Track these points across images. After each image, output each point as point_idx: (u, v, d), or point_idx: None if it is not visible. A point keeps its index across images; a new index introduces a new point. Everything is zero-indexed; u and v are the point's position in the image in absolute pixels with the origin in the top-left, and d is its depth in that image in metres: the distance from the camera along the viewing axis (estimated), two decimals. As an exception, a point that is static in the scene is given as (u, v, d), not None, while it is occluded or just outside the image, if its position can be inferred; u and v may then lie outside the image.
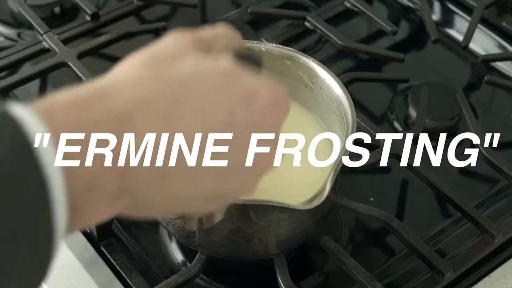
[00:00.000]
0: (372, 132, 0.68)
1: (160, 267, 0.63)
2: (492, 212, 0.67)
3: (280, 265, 0.58)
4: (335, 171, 0.53)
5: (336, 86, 0.60)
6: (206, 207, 0.41)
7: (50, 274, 0.35)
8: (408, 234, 0.60)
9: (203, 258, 0.59)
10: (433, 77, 0.82)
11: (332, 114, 0.61)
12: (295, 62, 0.62)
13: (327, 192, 0.52)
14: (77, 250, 0.62)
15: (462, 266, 0.61)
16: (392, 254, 0.65)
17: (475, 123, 0.70)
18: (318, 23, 0.80)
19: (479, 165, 0.69)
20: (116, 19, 0.83)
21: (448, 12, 0.87)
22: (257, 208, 0.54)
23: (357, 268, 0.58)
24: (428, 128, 0.72)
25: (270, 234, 0.57)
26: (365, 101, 0.78)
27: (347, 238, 0.66)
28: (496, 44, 0.84)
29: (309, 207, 0.52)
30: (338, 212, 0.66)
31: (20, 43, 0.83)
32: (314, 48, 0.83)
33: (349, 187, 0.67)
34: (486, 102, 0.81)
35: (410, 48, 0.85)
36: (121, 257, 0.61)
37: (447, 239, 0.66)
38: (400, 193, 0.71)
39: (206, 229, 0.56)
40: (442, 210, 0.69)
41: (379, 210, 0.61)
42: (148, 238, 0.65)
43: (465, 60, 0.84)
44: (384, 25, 0.81)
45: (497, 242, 0.62)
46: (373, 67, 0.82)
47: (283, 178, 0.57)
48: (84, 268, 0.61)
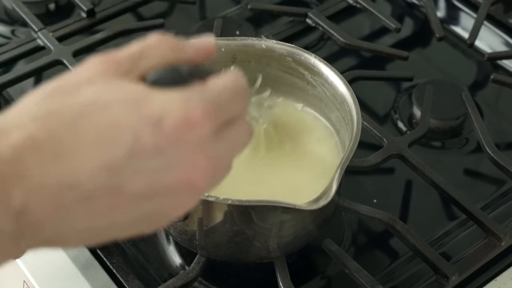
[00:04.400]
0: (376, 132, 0.68)
1: (158, 270, 0.63)
2: (498, 214, 0.67)
3: (280, 268, 0.58)
4: (341, 170, 0.53)
5: (339, 83, 0.60)
6: (138, 230, 0.40)
7: (45, 278, 0.34)
8: (412, 236, 0.60)
9: (202, 261, 0.59)
10: (438, 75, 0.83)
11: (336, 111, 0.61)
12: (296, 59, 0.62)
13: (334, 191, 0.52)
14: (72, 253, 0.62)
15: (468, 270, 0.61)
16: (395, 257, 0.64)
17: (481, 123, 0.70)
18: (320, 20, 0.80)
19: (485, 165, 0.70)
20: (113, 16, 0.83)
21: (453, 8, 0.87)
22: (260, 209, 0.54)
23: (360, 271, 0.58)
24: (432, 128, 0.72)
25: (272, 236, 0.56)
26: (368, 100, 0.77)
27: (349, 241, 0.65)
28: (503, 41, 0.84)
29: (316, 207, 0.51)
30: (340, 214, 0.66)
31: (14, 40, 0.83)
32: (316, 46, 0.83)
33: (351, 188, 0.67)
34: (492, 101, 0.81)
35: (414, 45, 0.85)
36: (117, 260, 0.61)
37: (452, 241, 0.65)
38: (404, 195, 0.71)
39: (207, 230, 0.56)
40: (447, 212, 0.68)
41: (382, 212, 0.61)
42: (145, 241, 0.65)
43: (471, 58, 0.84)
44: (388, 22, 0.81)
45: (503, 244, 0.62)
46: (376, 65, 0.82)
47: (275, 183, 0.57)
48: (79, 272, 0.60)
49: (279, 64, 0.62)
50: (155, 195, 0.38)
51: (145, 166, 0.37)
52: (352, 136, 0.55)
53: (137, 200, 0.37)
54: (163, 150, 0.37)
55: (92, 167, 0.36)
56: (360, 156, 0.64)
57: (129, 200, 0.37)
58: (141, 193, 0.37)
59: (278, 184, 0.59)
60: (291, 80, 0.63)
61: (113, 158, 0.36)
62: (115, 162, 0.36)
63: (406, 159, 0.66)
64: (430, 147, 0.74)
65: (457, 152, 0.74)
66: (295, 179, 0.59)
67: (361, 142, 0.55)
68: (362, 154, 0.65)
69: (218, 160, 0.39)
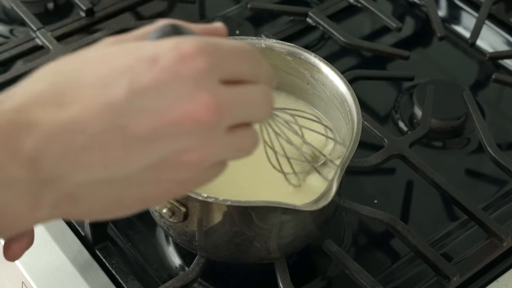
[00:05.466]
0: (376, 132, 0.68)
1: (157, 271, 0.63)
2: (500, 214, 0.67)
3: (281, 269, 0.58)
4: (342, 170, 0.53)
5: (339, 83, 0.60)
6: (152, 190, 0.40)
7: (44, 279, 0.34)
8: (413, 237, 0.60)
9: (201, 262, 0.58)
10: (439, 75, 0.83)
11: (336, 111, 0.61)
12: (296, 58, 0.62)
13: (334, 192, 0.51)
14: (71, 254, 0.62)
15: (469, 271, 0.61)
16: (396, 258, 0.64)
17: (482, 123, 0.70)
18: (320, 19, 0.80)
19: (487, 166, 0.70)
20: (112, 15, 0.83)
21: (455, 8, 0.87)
22: (260, 210, 0.53)
23: (361, 272, 0.58)
24: (433, 128, 0.72)
25: (273, 237, 0.56)
26: (369, 100, 0.77)
27: (350, 242, 0.65)
28: (504, 41, 0.84)
29: (316, 208, 0.51)
30: (341, 214, 0.66)
31: (12, 40, 0.83)
32: (316, 45, 0.83)
33: (352, 188, 0.67)
34: (493, 101, 0.81)
35: (415, 45, 0.85)
36: (116, 261, 0.61)
37: (453, 242, 0.65)
38: (405, 195, 0.71)
39: (207, 231, 0.56)
40: (448, 212, 0.68)
41: (383, 213, 0.61)
42: (144, 241, 0.65)
43: (472, 57, 0.84)
44: (389, 21, 0.81)
45: (505, 245, 0.62)
46: (377, 64, 0.82)
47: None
48: (78, 273, 0.60)
49: (279, 64, 0.62)
50: (161, 138, 0.37)
51: (147, 104, 0.37)
52: (352, 136, 0.55)
53: (145, 143, 0.37)
54: (162, 86, 0.37)
55: (95, 108, 0.36)
56: (360, 156, 0.64)
57: (137, 143, 0.37)
58: (148, 135, 0.37)
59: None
60: (291, 79, 0.63)
61: (114, 98, 0.37)
62: (117, 101, 0.37)
63: (407, 159, 0.66)
64: (431, 147, 0.74)
65: (458, 152, 0.74)
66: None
67: (361, 142, 0.55)
68: (362, 154, 0.65)
69: (225, 102, 0.39)
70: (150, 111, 0.37)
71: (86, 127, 0.36)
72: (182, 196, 0.53)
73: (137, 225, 0.65)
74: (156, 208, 0.56)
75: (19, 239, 0.46)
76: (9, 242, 0.46)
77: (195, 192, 0.52)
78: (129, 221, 0.65)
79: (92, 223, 0.60)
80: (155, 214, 0.58)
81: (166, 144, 0.38)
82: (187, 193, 0.52)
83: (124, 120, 0.37)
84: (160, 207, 0.55)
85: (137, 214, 0.64)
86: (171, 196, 0.42)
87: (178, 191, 0.40)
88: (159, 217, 0.58)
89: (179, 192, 0.41)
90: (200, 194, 0.52)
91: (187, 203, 0.54)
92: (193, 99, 0.37)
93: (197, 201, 0.53)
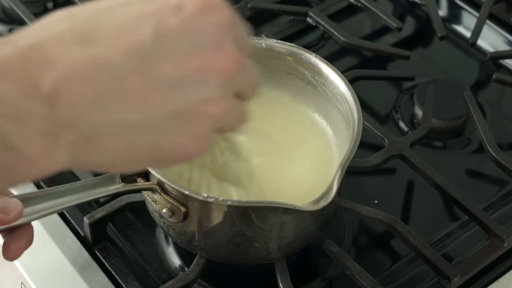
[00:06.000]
0: (377, 132, 0.68)
1: (157, 271, 0.63)
2: (501, 215, 0.67)
3: (281, 270, 0.58)
4: (342, 170, 0.53)
5: (340, 83, 0.60)
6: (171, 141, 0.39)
7: (43, 279, 0.33)
8: (414, 237, 0.60)
9: (201, 262, 0.58)
10: (440, 75, 0.82)
11: (336, 111, 0.61)
12: (296, 58, 0.62)
13: (334, 192, 0.51)
14: (71, 254, 0.61)
15: (470, 271, 0.61)
16: (397, 258, 0.64)
17: (483, 123, 0.70)
18: (320, 19, 0.80)
19: (487, 166, 0.69)
20: None
21: (455, 7, 0.87)
22: (260, 210, 0.53)
23: (361, 273, 0.58)
24: (434, 128, 0.72)
25: (273, 237, 0.56)
26: (369, 100, 0.77)
27: (350, 242, 0.65)
28: (505, 40, 0.84)
29: (316, 208, 0.51)
30: (341, 215, 0.66)
31: (12, 39, 0.82)
32: (317, 45, 0.83)
33: (352, 189, 0.67)
34: (494, 101, 0.81)
35: (416, 45, 0.85)
36: (116, 261, 0.61)
37: (454, 243, 0.65)
38: (405, 195, 0.71)
39: (207, 231, 0.56)
40: (449, 212, 0.68)
41: (383, 213, 0.61)
42: (144, 242, 0.65)
43: (473, 57, 0.84)
44: (389, 21, 0.81)
45: (506, 246, 0.62)
46: (377, 64, 0.81)
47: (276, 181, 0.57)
48: (78, 273, 0.60)
49: (279, 64, 0.62)
50: (186, 84, 0.37)
51: (174, 49, 0.37)
52: (353, 136, 0.55)
53: (168, 88, 0.37)
54: (188, 32, 0.37)
55: (120, 48, 0.36)
56: (361, 157, 0.64)
57: (161, 87, 0.37)
58: (172, 80, 0.37)
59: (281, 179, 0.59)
60: (291, 79, 0.62)
61: (141, 40, 0.36)
62: (142, 43, 0.36)
63: (407, 159, 0.66)
64: (431, 147, 0.74)
65: (459, 152, 0.74)
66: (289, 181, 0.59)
67: (362, 142, 0.55)
68: (363, 154, 0.64)
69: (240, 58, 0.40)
70: (176, 56, 0.37)
71: (110, 67, 0.36)
72: (182, 196, 0.53)
73: (137, 226, 0.65)
74: (156, 208, 0.55)
75: (18, 238, 0.46)
76: (8, 242, 0.46)
77: (195, 192, 0.52)
78: (129, 222, 0.65)
79: (91, 223, 0.60)
80: (155, 214, 0.58)
81: (189, 91, 0.38)
82: (187, 192, 0.52)
83: (149, 62, 0.36)
84: (160, 207, 0.55)
85: (137, 214, 0.65)
86: (183, 155, 0.40)
87: (191, 149, 0.40)
88: (159, 217, 0.58)
89: (190, 152, 0.40)
90: (200, 194, 0.52)
91: (187, 203, 0.54)
92: (219, 48, 0.38)
93: (197, 201, 0.53)
